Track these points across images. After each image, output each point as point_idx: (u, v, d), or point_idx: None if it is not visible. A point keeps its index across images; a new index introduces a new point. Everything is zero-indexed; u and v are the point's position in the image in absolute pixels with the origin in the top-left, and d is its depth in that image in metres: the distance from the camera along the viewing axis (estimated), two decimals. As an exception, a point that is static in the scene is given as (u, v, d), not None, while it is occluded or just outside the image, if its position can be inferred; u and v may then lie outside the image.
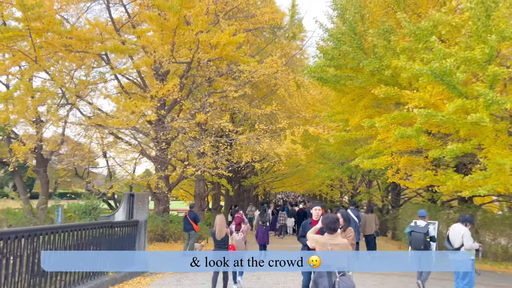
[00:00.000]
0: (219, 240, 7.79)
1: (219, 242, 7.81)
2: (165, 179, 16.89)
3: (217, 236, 7.79)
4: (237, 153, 15.69)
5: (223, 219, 8.00)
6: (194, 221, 13.52)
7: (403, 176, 13.06)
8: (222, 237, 7.77)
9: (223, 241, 7.79)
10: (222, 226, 7.80)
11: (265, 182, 36.43)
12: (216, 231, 7.80)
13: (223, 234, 7.78)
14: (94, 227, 8.32)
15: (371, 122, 11.38)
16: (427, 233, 8.57)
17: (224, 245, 7.78)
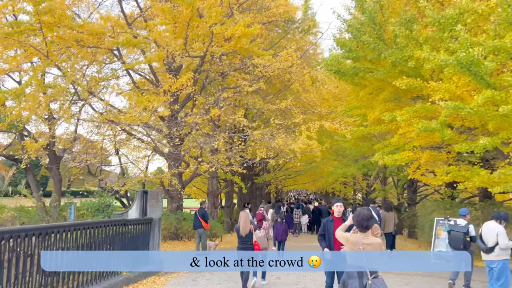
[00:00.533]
0: (243, 236, 7.68)
1: (243, 238, 7.70)
2: (178, 176, 16.60)
3: (241, 232, 7.68)
4: (251, 150, 15.32)
5: (248, 216, 7.88)
6: (203, 218, 13.15)
7: (424, 172, 12.58)
8: (246, 233, 7.65)
9: (247, 238, 7.67)
10: (246, 222, 7.70)
11: (278, 180, 36.04)
12: (240, 227, 7.71)
13: (247, 230, 7.66)
14: (108, 225, 8.02)
15: (392, 115, 10.92)
16: (467, 233, 8.10)
17: (248, 241, 7.66)
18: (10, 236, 5.33)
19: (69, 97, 16.01)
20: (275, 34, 20.40)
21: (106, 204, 12.09)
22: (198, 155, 14.86)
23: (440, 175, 11.40)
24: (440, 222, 12.42)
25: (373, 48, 10.84)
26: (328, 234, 6.29)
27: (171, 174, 15.63)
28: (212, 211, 20.20)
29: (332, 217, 6.38)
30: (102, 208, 11.81)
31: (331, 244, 6.23)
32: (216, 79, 13.70)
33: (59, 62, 11.79)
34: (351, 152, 18.03)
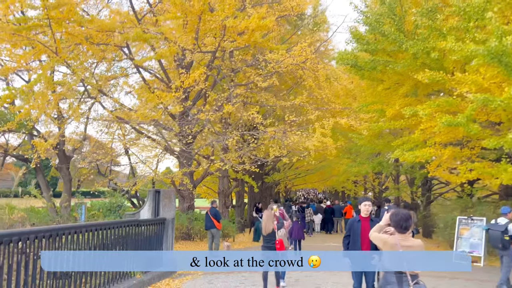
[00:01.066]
0: (266, 235, 7.59)
1: (265, 237, 7.61)
2: (189, 176, 16.22)
3: (263, 231, 7.61)
4: (264, 148, 14.90)
5: (271, 215, 7.72)
6: (215, 218, 12.76)
7: (445, 170, 12.08)
8: (269, 233, 7.54)
9: (270, 237, 7.54)
10: (269, 221, 7.59)
11: (287, 179, 35.59)
12: (263, 227, 7.64)
13: (269, 229, 7.53)
14: (120, 225, 7.65)
15: (413, 110, 10.45)
16: (506, 231, 7.60)
17: (271, 240, 7.53)
18: (18, 238, 4.97)
19: (78, 96, 15.72)
20: (285, 30, 19.97)
21: (117, 204, 11.73)
22: (208, 154, 14.49)
23: (463, 172, 10.90)
24: (463, 221, 11.93)
25: (393, 39, 10.38)
26: (354, 235, 5.86)
27: (183, 173, 15.28)
28: (223, 210, 19.81)
29: (359, 217, 5.94)
30: (114, 209, 11.44)
31: (357, 245, 5.79)
32: (228, 75, 13.28)
33: (68, 59, 11.44)
34: (365, 149, 17.53)
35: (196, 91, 12.90)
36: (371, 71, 12.16)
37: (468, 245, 11.63)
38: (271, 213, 7.73)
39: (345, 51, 12.99)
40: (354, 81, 15.54)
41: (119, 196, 12.05)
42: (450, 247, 13.94)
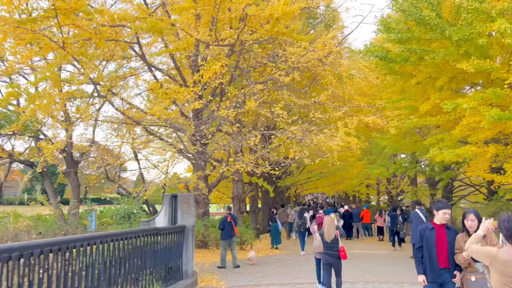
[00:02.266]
0: (329, 242, 7.34)
1: (328, 244, 7.36)
2: (204, 180, 15.25)
3: (326, 238, 7.37)
4: (284, 148, 13.91)
5: (332, 221, 7.62)
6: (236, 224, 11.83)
7: (487, 169, 11.01)
8: (332, 239, 7.32)
9: (333, 243, 7.32)
10: (331, 227, 7.40)
11: (298, 183, 34.57)
12: (325, 233, 7.41)
13: (332, 236, 7.33)
14: (138, 235, 6.65)
15: (455, 104, 9.41)
16: None
17: (334, 247, 7.30)
18: (20, 254, 3.99)
19: (86, 97, 14.82)
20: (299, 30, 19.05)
21: (132, 210, 10.72)
22: (223, 157, 13.53)
23: (511, 170, 9.83)
24: None
25: (433, 26, 9.35)
26: (428, 248, 4.75)
27: (197, 177, 14.31)
28: (238, 216, 18.80)
29: (432, 224, 4.88)
30: (128, 215, 10.43)
31: (432, 260, 4.72)
32: (248, 70, 12.29)
33: (77, 54, 10.52)
34: (388, 150, 16.47)
35: (211, 89, 11.93)
36: (403, 63, 11.16)
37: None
38: (332, 219, 7.60)
39: (373, 44, 11.98)
40: (380, 77, 14.57)
41: (134, 202, 11.02)
42: None
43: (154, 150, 15.50)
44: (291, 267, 11.53)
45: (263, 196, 24.19)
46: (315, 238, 8.36)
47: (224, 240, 11.54)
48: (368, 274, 10.27)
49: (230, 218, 11.58)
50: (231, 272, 10.76)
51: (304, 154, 12.86)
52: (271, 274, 10.44)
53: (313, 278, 10.00)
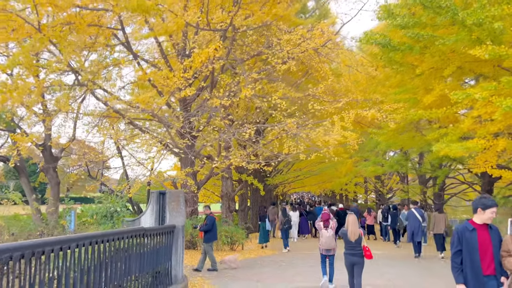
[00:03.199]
0: (353, 242, 6.95)
1: (351, 244, 6.97)
2: (192, 176, 14.35)
3: (349, 237, 6.96)
4: (278, 143, 13.11)
5: (356, 219, 7.19)
6: None
7: (493, 164, 10.38)
8: (356, 239, 6.94)
9: (356, 243, 6.95)
10: (355, 226, 7.00)
11: (286, 181, 33.94)
12: (348, 233, 6.97)
13: (357, 235, 6.94)
14: (122, 236, 5.74)
15: (465, 94, 8.73)
16: None
17: (357, 246, 6.95)
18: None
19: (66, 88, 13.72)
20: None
21: (115, 209, 9.72)
22: (216, 152, 12.67)
23: (521, 166, 9.22)
24: (517, 223, 10.20)
25: (444, 9, 8.63)
26: (470, 253, 3.99)
27: (186, 174, 13.41)
28: (228, 215, 17.95)
29: (473, 224, 4.10)
30: (111, 215, 9.43)
31: (475, 265, 3.94)
32: (242, 60, 11.41)
33: (55, 37, 9.50)
34: (384, 147, 15.81)
35: (203, 76, 11.04)
36: (406, 52, 10.46)
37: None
38: (355, 217, 7.18)
39: (373, 31, 11.26)
40: (379, 68, 13.89)
41: (118, 199, 10.03)
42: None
43: (139, 144, 14.49)
44: (286, 269, 10.73)
45: (252, 194, 23.37)
46: (321, 235, 8.15)
47: (211, 242, 10.56)
48: (388, 276, 9.54)
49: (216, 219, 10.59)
50: (223, 275, 9.90)
51: (299, 149, 12.12)
52: (266, 277, 9.62)
53: (312, 281, 9.24)
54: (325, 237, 8.01)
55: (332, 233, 8.07)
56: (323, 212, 8.47)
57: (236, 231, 14.20)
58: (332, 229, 8.08)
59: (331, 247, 8.11)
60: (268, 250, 14.85)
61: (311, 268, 10.67)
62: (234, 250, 14.23)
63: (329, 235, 8.03)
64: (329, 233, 8.05)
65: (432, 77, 11.30)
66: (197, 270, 10.17)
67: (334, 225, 8.16)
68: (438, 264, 11.36)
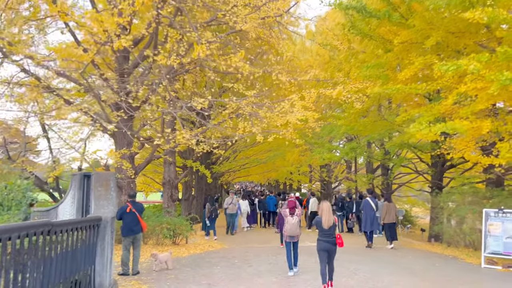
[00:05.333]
0: (327, 229, 6.88)
1: (326, 231, 6.90)
2: (130, 159, 12.15)
3: (324, 224, 6.87)
4: (233, 123, 11.34)
5: (330, 206, 7.06)
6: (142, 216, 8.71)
7: (471, 149, 9.34)
8: (330, 226, 6.88)
9: (330, 230, 6.90)
10: (329, 214, 6.92)
11: (232, 170, 32.43)
12: (323, 220, 6.88)
13: (331, 222, 6.90)
14: (10, 236, 3.66)
15: (455, 65, 7.46)
16: None
17: (331, 234, 6.90)
18: None
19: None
20: None
21: (19, 193, 7.29)
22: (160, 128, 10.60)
23: (506, 151, 8.17)
24: (492, 215, 9.26)
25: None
26: None
27: (121, 156, 11.24)
28: (170, 204, 15.86)
29: None
30: (9, 202, 6.95)
31: None
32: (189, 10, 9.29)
33: None
34: (342, 131, 14.51)
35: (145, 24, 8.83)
36: (384, 19, 9.07)
37: (501, 245, 8.99)
38: (329, 205, 7.06)
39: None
40: (344, 43, 12.43)
41: (21, 182, 7.61)
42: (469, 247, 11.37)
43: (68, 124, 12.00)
44: (241, 268, 9.01)
45: (198, 182, 21.40)
46: (286, 222, 8.08)
47: (125, 238, 8.30)
48: (361, 274, 8.09)
49: (130, 207, 8.32)
50: (164, 277, 7.97)
51: (257, 130, 10.42)
52: (219, 280, 7.83)
53: (276, 282, 7.63)
54: (291, 224, 8.02)
55: (297, 220, 8.10)
56: (290, 199, 8.44)
57: (180, 223, 12.23)
58: (298, 216, 8.10)
59: (296, 234, 8.11)
60: (217, 244, 13.07)
61: (270, 266, 9.05)
62: (177, 244, 12.28)
63: (294, 222, 8.04)
64: (295, 220, 8.05)
65: (406, 52, 10.06)
66: (122, 274, 8.16)
67: (300, 213, 8.20)
68: (406, 259, 10.23)
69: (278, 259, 9.88)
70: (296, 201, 8.44)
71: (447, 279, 7.99)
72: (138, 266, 8.48)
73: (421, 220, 26.87)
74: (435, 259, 10.20)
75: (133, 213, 8.38)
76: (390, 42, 10.19)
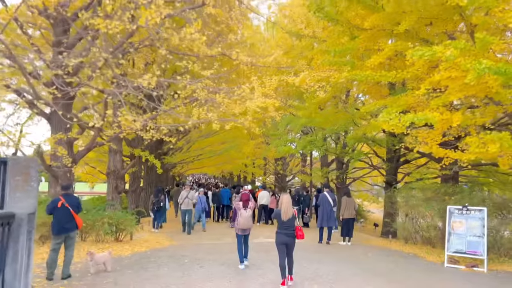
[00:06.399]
0: (285, 221, 6.63)
1: (285, 223, 6.64)
2: (67, 146, 10.72)
3: (283, 217, 6.62)
4: (187, 109, 10.25)
5: (290, 199, 6.80)
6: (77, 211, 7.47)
7: (438, 142, 8.88)
8: (289, 218, 6.62)
9: (289, 222, 6.65)
10: (288, 206, 6.67)
11: (185, 161, 31.10)
12: (281, 211, 6.64)
13: (290, 214, 6.64)
14: None
15: (430, 51, 6.85)
16: None
17: (290, 226, 6.66)
18: None
19: None
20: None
21: None
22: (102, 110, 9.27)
23: (475, 146, 7.71)
24: (456, 212, 8.86)
25: None
26: None
27: (56, 141, 9.84)
28: (115, 196, 14.43)
29: None
30: None
31: None
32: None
33: None
34: (303, 122, 13.77)
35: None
36: (354, 1, 8.33)
37: (465, 243, 8.60)
38: (289, 197, 6.83)
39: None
40: (308, 27, 11.60)
41: None
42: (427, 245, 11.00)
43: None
44: (191, 269, 7.99)
45: (147, 173, 20.00)
46: (239, 215, 7.88)
47: (56, 236, 7.06)
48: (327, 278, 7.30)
49: (63, 202, 7.09)
50: (99, 282, 6.81)
51: (213, 117, 9.42)
52: (165, 285, 6.77)
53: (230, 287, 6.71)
54: (244, 217, 7.84)
55: (250, 213, 7.92)
56: (243, 192, 8.20)
57: (124, 217, 10.96)
58: (251, 209, 7.93)
59: (248, 226, 7.97)
60: (164, 240, 11.93)
61: (224, 267, 8.10)
62: (120, 241, 11.01)
63: (247, 215, 7.87)
64: (248, 213, 7.88)
65: (373, 39, 9.41)
66: (49, 279, 6.92)
67: (253, 205, 8.04)
68: (368, 257, 9.66)
69: (233, 257, 8.97)
70: (250, 194, 8.23)
71: (413, 280, 7.43)
72: (70, 268, 7.26)
73: (372, 215, 27.05)
74: (396, 257, 9.71)
75: (66, 208, 7.14)
76: (357, 27, 9.50)
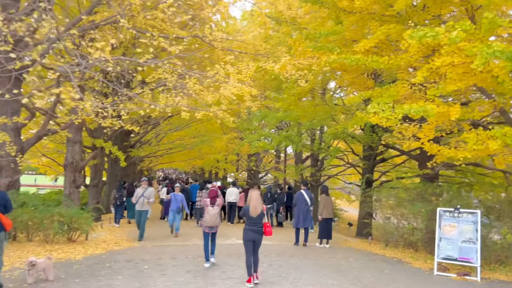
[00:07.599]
0: (255, 217, 6.50)
1: (253, 219, 6.52)
2: (13, 132, 9.30)
3: (251, 213, 6.49)
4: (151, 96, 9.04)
5: (259, 195, 6.68)
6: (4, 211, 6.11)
7: (430, 137, 8.06)
8: (258, 214, 6.50)
9: (258, 218, 6.53)
10: (257, 202, 6.56)
11: (154, 155, 29.53)
12: (250, 208, 6.50)
13: (259, 210, 6.52)
14: None
15: (433, 32, 5.98)
16: None
17: (259, 223, 6.54)
18: None
19: None
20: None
21: None
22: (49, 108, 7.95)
23: (473, 142, 6.92)
24: (446, 215, 8.06)
25: None
26: None
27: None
28: (72, 191, 12.96)
29: None
30: None
31: None
32: None
33: None
34: (280, 116, 12.78)
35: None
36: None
37: (457, 248, 7.82)
38: (258, 193, 6.71)
39: None
40: (292, 9, 10.56)
41: None
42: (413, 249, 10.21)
43: None
44: (151, 278, 6.81)
45: (111, 166, 18.53)
46: (207, 212, 7.59)
47: None
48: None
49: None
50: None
51: (181, 102, 8.31)
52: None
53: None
54: (211, 214, 7.53)
55: (218, 210, 7.65)
56: (211, 188, 7.88)
57: (78, 215, 9.63)
58: (219, 206, 7.68)
59: (215, 224, 7.66)
60: (124, 241, 10.65)
61: (190, 275, 6.97)
62: (73, 241, 9.70)
63: (214, 212, 7.58)
64: (215, 211, 7.59)
65: (361, 24, 8.50)
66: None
67: (221, 202, 7.75)
68: (349, 263, 8.76)
69: (200, 263, 7.88)
70: (218, 190, 7.89)
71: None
72: (2, 277, 5.96)
73: (345, 214, 26.44)
74: (379, 263, 8.85)
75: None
76: (344, 10, 8.55)
